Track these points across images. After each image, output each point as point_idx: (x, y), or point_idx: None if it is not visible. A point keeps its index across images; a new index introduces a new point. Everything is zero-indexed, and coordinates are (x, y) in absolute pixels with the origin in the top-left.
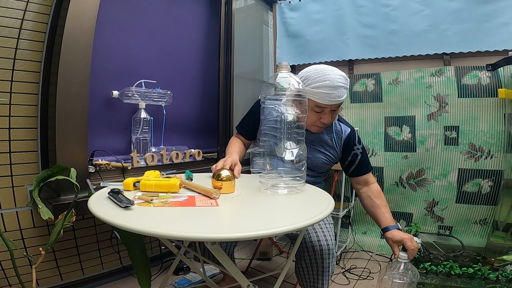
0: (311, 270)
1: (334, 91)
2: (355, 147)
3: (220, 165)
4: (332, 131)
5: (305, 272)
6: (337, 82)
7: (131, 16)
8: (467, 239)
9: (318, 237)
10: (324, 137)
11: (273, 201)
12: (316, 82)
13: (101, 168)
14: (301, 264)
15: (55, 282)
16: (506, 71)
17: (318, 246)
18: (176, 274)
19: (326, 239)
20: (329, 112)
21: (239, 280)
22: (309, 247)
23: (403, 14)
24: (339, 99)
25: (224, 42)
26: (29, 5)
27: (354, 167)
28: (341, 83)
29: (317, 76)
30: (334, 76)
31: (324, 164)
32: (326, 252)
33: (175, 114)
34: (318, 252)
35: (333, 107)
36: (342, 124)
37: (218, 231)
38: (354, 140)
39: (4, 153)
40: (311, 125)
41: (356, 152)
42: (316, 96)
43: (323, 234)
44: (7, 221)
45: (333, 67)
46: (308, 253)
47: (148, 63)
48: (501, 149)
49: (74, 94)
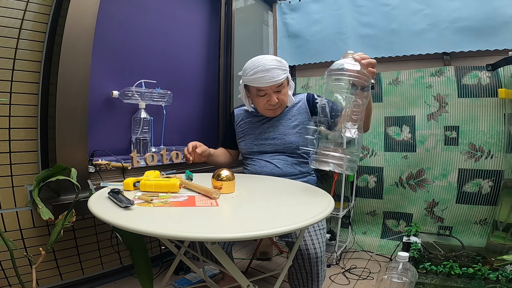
0: (300, 275)
1: (267, 73)
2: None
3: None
4: (295, 105)
5: (295, 277)
6: (268, 65)
7: (131, 16)
8: (467, 239)
9: (307, 245)
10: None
11: (273, 201)
12: (252, 70)
13: (101, 168)
14: (293, 269)
15: (55, 282)
16: (506, 71)
17: (306, 253)
18: (176, 274)
19: (315, 247)
20: (273, 93)
21: (239, 280)
22: (298, 253)
23: (403, 14)
24: (274, 79)
25: (224, 42)
26: (29, 5)
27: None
28: (273, 65)
29: (252, 64)
30: (265, 61)
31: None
32: (314, 260)
33: (175, 114)
34: (306, 259)
35: (274, 88)
36: (297, 95)
37: (218, 231)
38: (313, 97)
39: (4, 153)
40: (264, 110)
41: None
42: (255, 82)
43: (311, 242)
44: (7, 221)
45: (267, 55)
46: (297, 259)
47: (148, 63)
48: (501, 149)
49: (74, 94)
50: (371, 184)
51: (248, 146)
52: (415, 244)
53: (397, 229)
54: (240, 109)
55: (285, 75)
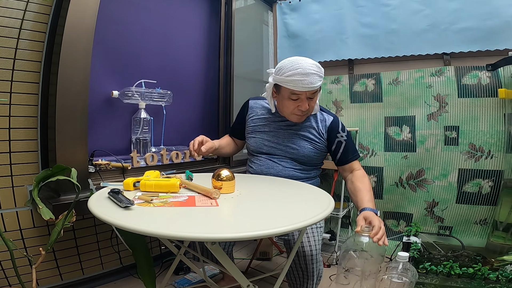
0: (296, 273)
1: (306, 77)
2: (338, 134)
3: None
4: (317, 120)
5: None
6: (309, 69)
7: (131, 15)
8: (467, 239)
9: (303, 243)
10: (311, 125)
11: (273, 201)
12: (289, 71)
13: (101, 168)
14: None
15: (55, 282)
16: (506, 71)
17: (301, 251)
18: (176, 274)
19: (310, 245)
20: (305, 99)
21: (239, 280)
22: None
23: (403, 14)
24: (312, 85)
25: (224, 42)
26: (29, 5)
27: (339, 155)
28: (313, 70)
29: (290, 65)
30: (306, 65)
31: (312, 153)
32: (309, 258)
33: (175, 114)
34: (301, 257)
35: (308, 94)
36: (325, 113)
37: (218, 231)
38: (337, 128)
39: (4, 153)
40: (290, 114)
41: (340, 140)
42: (290, 84)
43: (307, 240)
44: (7, 221)
45: (306, 58)
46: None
47: (148, 63)
48: (501, 149)
49: (74, 94)
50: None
51: (258, 145)
52: (415, 244)
53: (397, 229)
54: (257, 102)
55: (321, 82)
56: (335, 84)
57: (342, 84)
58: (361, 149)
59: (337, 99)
